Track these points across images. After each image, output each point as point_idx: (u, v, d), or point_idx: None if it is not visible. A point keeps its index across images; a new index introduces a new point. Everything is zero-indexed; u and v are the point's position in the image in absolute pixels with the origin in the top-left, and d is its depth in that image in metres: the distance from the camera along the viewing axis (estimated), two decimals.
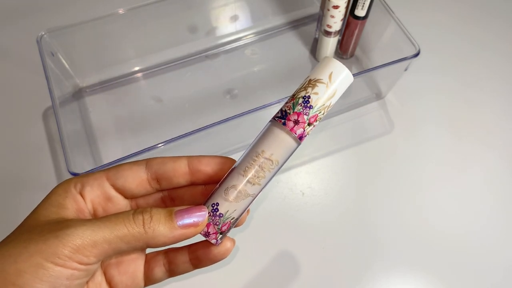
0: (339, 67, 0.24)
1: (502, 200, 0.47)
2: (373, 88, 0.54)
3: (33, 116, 0.51)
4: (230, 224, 0.24)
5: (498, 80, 0.55)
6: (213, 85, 0.54)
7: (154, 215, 0.22)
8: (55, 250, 0.19)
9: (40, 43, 0.45)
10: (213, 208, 0.24)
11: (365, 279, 0.42)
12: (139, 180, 0.24)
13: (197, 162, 0.25)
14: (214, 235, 0.24)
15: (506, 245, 0.44)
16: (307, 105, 0.23)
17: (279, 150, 0.24)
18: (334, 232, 0.45)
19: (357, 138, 0.51)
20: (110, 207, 0.24)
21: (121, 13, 0.48)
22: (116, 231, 0.20)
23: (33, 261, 0.19)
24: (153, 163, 0.24)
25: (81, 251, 0.19)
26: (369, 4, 0.47)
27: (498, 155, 0.50)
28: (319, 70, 0.24)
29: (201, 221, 0.23)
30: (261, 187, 0.24)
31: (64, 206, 0.22)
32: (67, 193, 0.23)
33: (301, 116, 0.23)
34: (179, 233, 0.22)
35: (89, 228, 0.20)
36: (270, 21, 0.59)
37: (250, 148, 0.24)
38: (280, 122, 0.24)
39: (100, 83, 0.54)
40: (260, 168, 0.23)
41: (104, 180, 0.24)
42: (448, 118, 0.52)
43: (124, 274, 0.24)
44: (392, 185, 0.48)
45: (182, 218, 0.22)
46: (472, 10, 0.62)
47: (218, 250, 0.25)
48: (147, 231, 0.21)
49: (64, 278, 0.19)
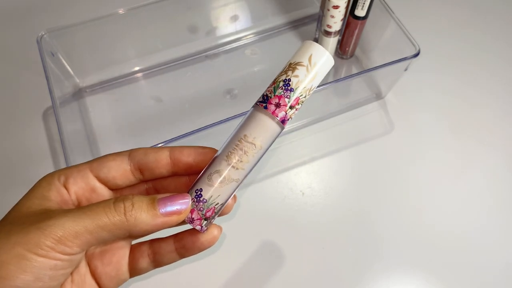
0: (319, 50, 0.24)
1: (502, 199, 0.47)
2: (373, 88, 0.54)
3: (33, 116, 0.51)
4: (214, 210, 0.24)
5: (498, 80, 0.55)
6: (213, 85, 0.54)
7: (136, 203, 0.21)
8: (37, 241, 0.19)
9: (40, 43, 0.45)
10: (196, 194, 0.23)
11: (365, 279, 0.42)
12: (122, 170, 0.24)
13: (179, 152, 0.25)
14: (198, 221, 0.24)
15: (506, 245, 0.44)
16: (288, 88, 0.23)
17: (262, 134, 0.23)
18: (334, 232, 0.45)
19: (357, 138, 0.51)
20: (94, 198, 0.24)
21: (121, 13, 0.48)
22: (97, 220, 0.20)
23: (16, 252, 0.19)
24: (135, 153, 0.24)
25: (63, 241, 0.19)
26: (369, 4, 0.47)
27: (498, 155, 0.50)
28: (299, 54, 0.24)
29: (184, 208, 0.22)
30: (245, 172, 0.24)
31: (48, 198, 0.22)
32: (51, 185, 0.23)
33: (282, 99, 0.23)
34: (161, 220, 0.22)
35: (71, 218, 0.20)
36: (270, 21, 0.59)
37: (233, 134, 0.24)
38: (262, 106, 0.24)
39: (100, 83, 0.54)
40: (243, 152, 0.23)
41: (88, 171, 0.24)
42: (448, 118, 0.52)
43: (108, 265, 0.24)
44: (392, 185, 0.48)
45: (165, 205, 0.22)
46: (472, 11, 0.62)
47: (205, 238, 0.25)
48: (128, 219, 0.21)
49: (47, 269, 0.19)
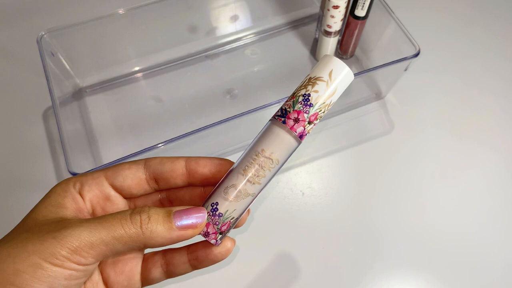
0: (339, 65, 0.23)
1: (502, 199, 0.47)
2: (373, 88, 0.54)
3: (33, 116, 0.51)
4: (230, 224, 0.24)
5: (498, 80, 0.55)
6: (213, 85, 0.54)
7: (152, 216, 0.21)
8: (52, 251, 0.19)
9: (40, 43, 0.45)
10: (212, 207, 0.23)
11: (366, 279, 0.42)
12: (137, 179, 0.24)
13: (195, 163, 0.25)
14: (213, 235, 0.23)
15: (506, 245, 0.44)
16: (307, 103, 0.23)
17: (279, 149, 0.23)
18: (334, 232, 0.45)
19: (357, 138, 0.51)
20: (109, 207, 0.24)
21: (121, 13, 0.48)
22: (112, 232, 0.20)
23: (31, 261, 0.19)
24: (151, 163, 0.24)
25: (79, 252, 0.19)
26: (369, 4, 0.47)
27: (498, 154, 0.50)
28: (319, 68, 0.24)
29: (200, 222, 0.22)
30: (261, 187, 0.24)
31: (63, 206, 0.22)
32: (66, 192, 0.23)
33: (301, 114, 0.23)
34: (177, 234, 0.22)
35: (87, 229, 0.20)
36: (270, 21, 0.59)
37: (250, 148, 0.24)
38: (280, 120, 0.23)
39: (100, 83, 0.54)
40: (260, 167, 0.23)
41: (103, 179, 0.24)
42: (448, 118, 0.52)
43: (121, 274, 0.24)
44: (392, 185, 0.48)
45: (180, 219, 0.22)
46: (472, 10, 0.62)
47: (218, 251, 0.24)
48: (144, 232, 0.21)
49: (62, 278, 0.19)
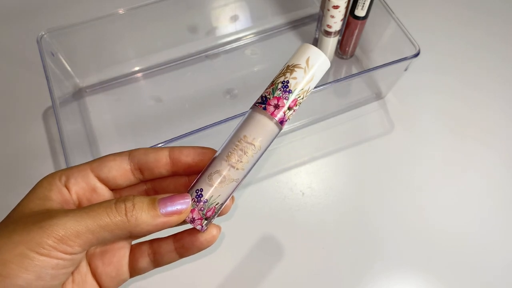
0: (316, 52, 0.24)
1: (502, 199, 0.47)
2: (373, 88, 0.54)
3: (33, 116, 0.51)
4: (215, 209, 0.24)
5: (498, 80, 0.55)
6: (213, 85, 0.54)
7: (137, 203, 0.22)
8: (39, 240, 0.19)
9: (40, 43, 0.45)
10: (197, 194, 0.24)
11: (366, 279, 0.42)
12: (122, 170, 0.24)
13: (178, 152, 0.25)
14: (199, 220, 0.24)
15: (506, 245, 0.44)
16: (286, 90, 0.24)
17: (261, 135, 0.24)
18: (334, 232, 0.45)
19: (357, 138, 0.51)
20: (95, 198, 0.24)
21: (121, 13, 0.48)
22: (98, 220, 0.20)
23: (18, 251, 0.19)
24: (136, 153, 0.25)
25: (65, 241, 0.20)
26: (369, 4, 0.47)
27: (498, 154, 0.50)
28: (297, 56, 0.25)
29: (185, 208, 0.23)
30: (244, 172, 0.24)
31: (49, 198, 0.22)
32: (52, 185, 0.23)
33: (281, 100, 0.24)
34: (162, 221, 0.22)
35: (72, 218, 0.20)
36: (270, 21, 0.59)
37: (232, 134, 0.25)
38: (261, 107, 0.24)
39: (100, 83, 0.54)
40: (243, 152, 0.24)
41: (89, 171, 0.24)
42: (448, 118, 0.52)
43: (109, 265, 0.24)
44: (392, 185, 0.48)
45: (165, 206, 0.22)
46: (472, 10, 0.62)
47: (204, 237, 0.25)
48: (129, 220, 0.21)
49: (49, 268, 0.20)
